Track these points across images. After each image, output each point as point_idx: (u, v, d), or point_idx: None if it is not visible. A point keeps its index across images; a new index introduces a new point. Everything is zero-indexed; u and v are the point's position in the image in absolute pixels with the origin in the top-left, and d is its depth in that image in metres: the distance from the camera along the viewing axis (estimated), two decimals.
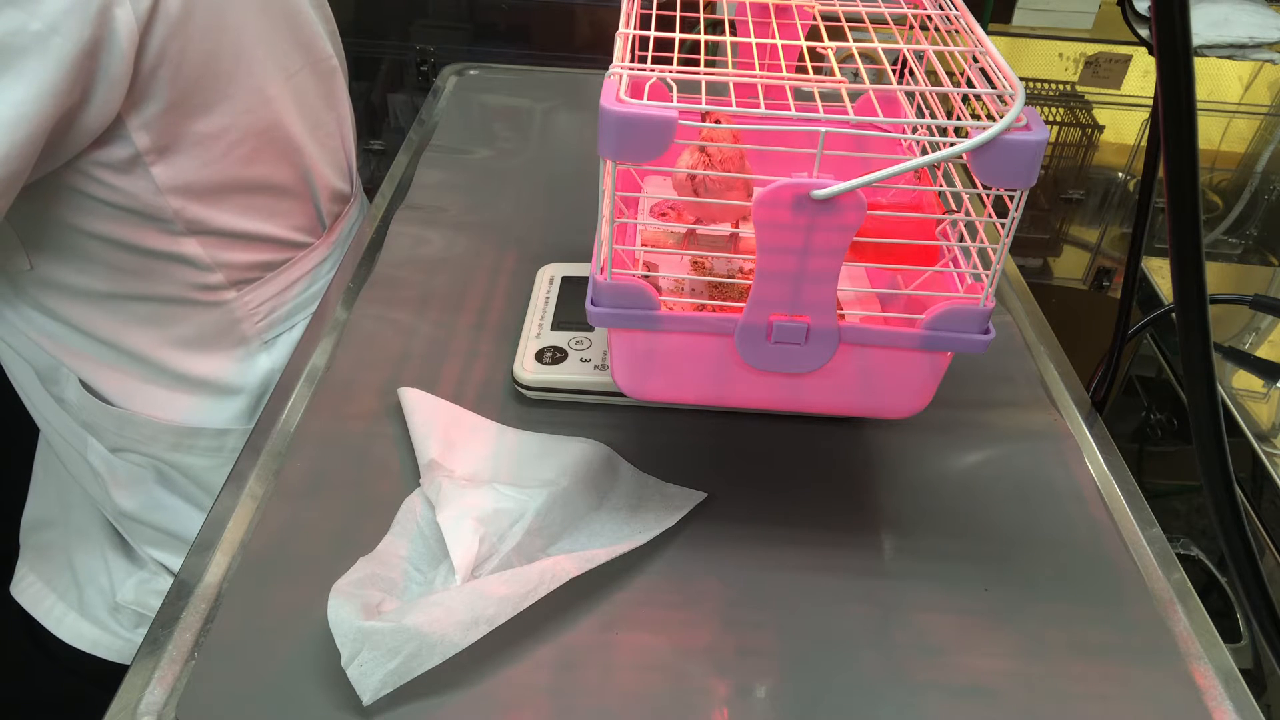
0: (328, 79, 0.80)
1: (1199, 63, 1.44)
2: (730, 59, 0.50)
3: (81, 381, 0.75)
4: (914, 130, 0.56)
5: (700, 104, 0.43)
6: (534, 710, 0.45)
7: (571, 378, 0.62)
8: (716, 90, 0.45)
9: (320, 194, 0.79)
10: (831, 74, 0.49)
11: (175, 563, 0.81)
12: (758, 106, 0.44)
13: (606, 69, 0.45)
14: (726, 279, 0.59)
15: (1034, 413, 0.65)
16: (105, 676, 0.86)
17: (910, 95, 0.57)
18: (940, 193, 0.56)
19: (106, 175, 0.63)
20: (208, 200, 0.69)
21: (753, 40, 0.55)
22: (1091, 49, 1.60)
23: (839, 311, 0.49)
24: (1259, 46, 1.45)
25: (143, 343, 0.73)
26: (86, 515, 0.85)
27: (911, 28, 0.59)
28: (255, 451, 0.58)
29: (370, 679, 0.43)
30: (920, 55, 0.55)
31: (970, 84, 0.46)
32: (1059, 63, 1.62)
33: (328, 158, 0.80)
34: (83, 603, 0.85)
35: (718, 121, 0.51)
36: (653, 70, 0.46)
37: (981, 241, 0.49)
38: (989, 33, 0.83)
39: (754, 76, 0.46)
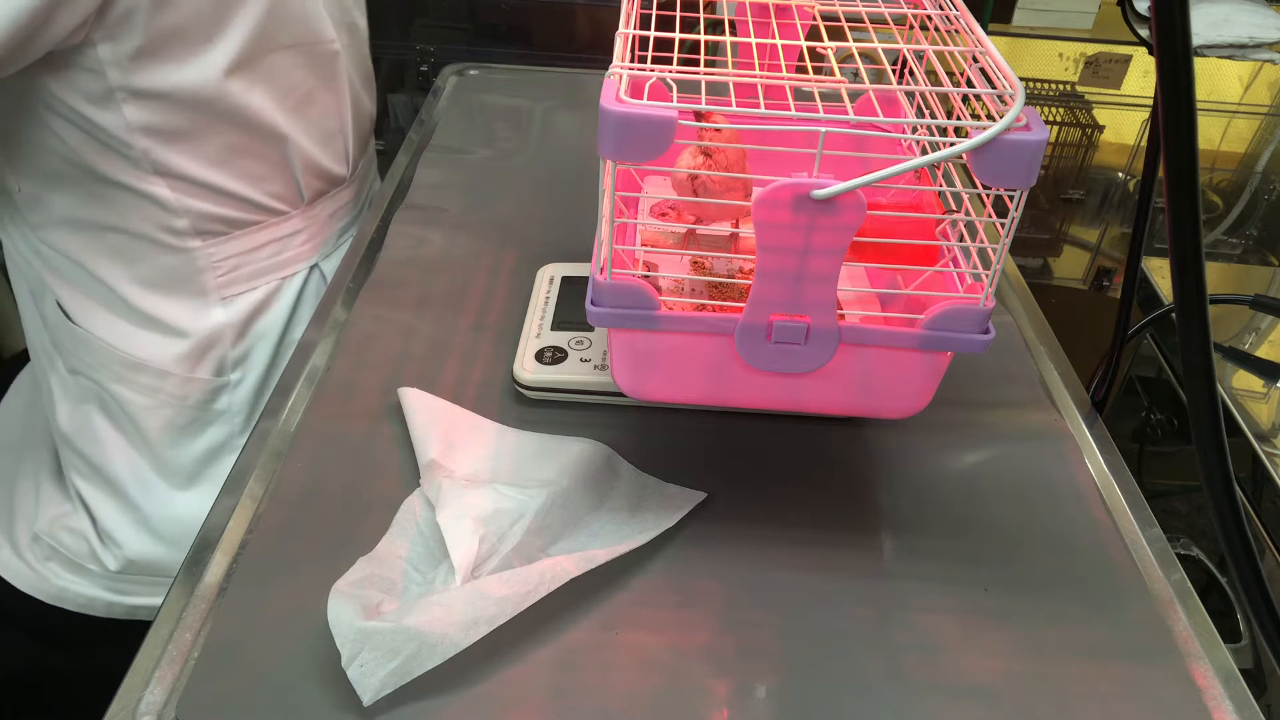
0: (327, 61, 0.79)
1: (1199, 63, 1.43)
2: (730, 59, 0.50)
3: (58, 302, 0.78)
4: (914, 130, 0.56)
5: (700, 104, 0.43)
6: (534, 710, 0.45)
7: (571, 378, 0.62)
8: (716, 90, 0.45)
9: (299, 167, 0.79)
10: (831, 74, 0.49)
11: (95, 498, 0.82)
12: (758, 106, 0.44)
13: (606, 69, 0.45)
14: (726, 279, 0.59)
15: (1034, 413, 0.65)
16: (30, 616, 0.86)
17: (910, 95, 0.57)
18: (940, 193, 0.56)
19: (83, 105, 0.66)
20: (175, 147, 0.70)
21: (753, 40, 0.55)
22: (1091, 49, 1.59)
23: (839, 311, 0.49)
24: (1259, 46, 1.44)
25: (110, 274, 0.75)
26: (38, 440, 0.88)
27: (911, 28, 0.59)
28: (255, 451, 0.58)
29: (370, 679, 0.43)
30: (920, 55, 0.55)
31: (970, 84, 0.46)
32: (1059, 63, 1.62)
33: (315, 135, 0.80)
34: (12, 527, 0.86)
35: (717, 128, 0.51)
36: (653, 70, 0.46)
37: (981, 241, 0.49)
38: (989, 33, 0.83)
39: (754, 76, 0.46)
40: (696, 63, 0.49)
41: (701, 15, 0.59)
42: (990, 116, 0.43)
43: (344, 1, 0.82)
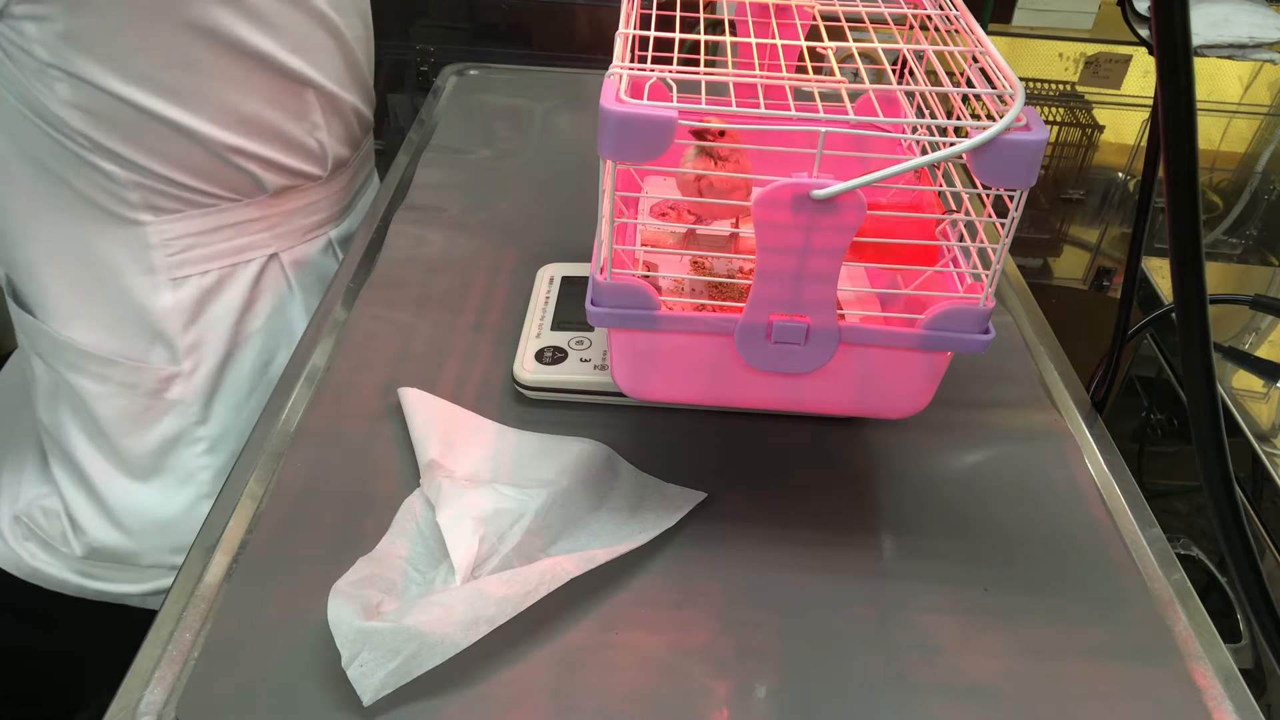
0: (282, 70, 0.75)
1: (1199, 63, 1.43)
2: (730, 59, 0.50)
3: (12, 284, 0.77)
4: (914, 130, 0.56)
5: (700, 104, 0.43)
6: (534, 710, 0.45)
7: (571, 378, 0.62)
8: (716, 90, 0.45)
9: (256, 166, 0.76)
10: (831, 74, 0.49)
11: (65, 483, 0.82)
12: (758, 106, 0.44)
13: (606, 69, 0.45)
14: (726, 279, 0.59)
15: (1034, 413, 0.65)
16: (9, 595, 0.86)
17: (910, 95, 0.57)
18: (940, 193, 0.56)
19: (20, 75, 0.65)
20: (113, 134, 0.69)
21: (753, 40, 0.55)
22: (1091, 49, 1.60)
23: (839, 311, 0.49)
24: (1259, 46, 1.44)
25: (59, 250, 0.74)
26: (26, 421, 0.87)
27: (911, 28, 0.59)
28: (255, 451, 0.58)
29: (370, 679, 0.43)
30: (920, 55, 0.55)
31: (970, 84, 0.46)
32: (1059, 63, 1.62)
33: (274, 140, 0.77)
34: None
35: (721, 134, 0.51)
36: (653, 70, 0.46)
37: (981, 241, 0.49)
38: (989, 33, 0.83)
39: (754, 76, 0.47)
40: (696, 63, 0.49)
41: (701, 15, 0.59)
42: (990, 116, 0.43)
43: (314, 8, 0.77)
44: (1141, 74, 1.60)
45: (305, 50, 0.77)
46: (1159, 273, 1.00)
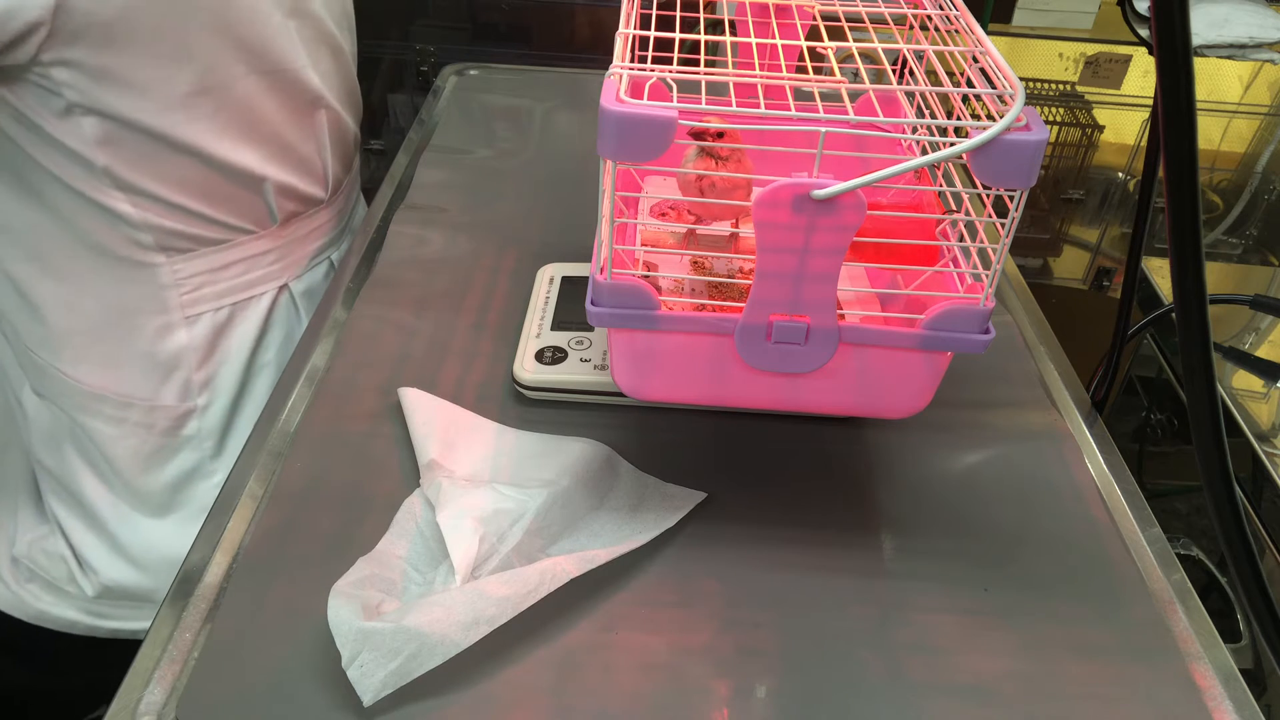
0: (300, 89, 0.76)
1: (1199, 63, 1.44)
2: (730, 59, 0.50)
3: (17, 329, 0.76)
4: (914, 130, 0.56)
5: (700, 104, 0.43)
6: (534, 710, 0.45)
7: (571, 378, 0.62)
8: (716, 90, 0.45)
9: (270, 192, 0.77)
10: (831, 74, 0.49)
11: (70, 524, 0.81)
12: (758, 106, 0.44)
13: (606, 69, 0.45)
14: (726, 279, 0.59)
15: (1034, 413, 0.65)
16: (11, 637, 0.86)
17: (910, 95, 0.57)
18: (940, 193, 0.56)
19: (44, 119, 0.65)
20: (137, 167, 0.68)
21: (753, 40, 0.55)
22: (1091, 49, 1.59)
23: (839, 311, 0.49)
24: (1259, 46, 1.44)
25: (68, 295, 0.73)
26: (14, 459, 0.86)
27: (911, 28, 0.59)
28: (255, 451, 0.58)
29: (371, 680, 0.43)
30: (920, 55, 0.55)
31: (970, 84, 0.46)
32: (1059, 63, 1.62)
33: (288, 162, 0.78)
34: None
35: (720, 135, 0.51)
36: (653, 70, 0.46)
37: (981, 241, 0.49)
38: (989, 33, 0.83)
39: (754, 76, 0.47)
40: (696, 63, 0.49)
41: (701, 15, 0.59)
42: (990, 116, 0.43)
43: (323, 25, 0.78)
44: (1141, 74, 1.60)
45: (317, 68, 0.78)
46: (1159, 273, 1.00)
